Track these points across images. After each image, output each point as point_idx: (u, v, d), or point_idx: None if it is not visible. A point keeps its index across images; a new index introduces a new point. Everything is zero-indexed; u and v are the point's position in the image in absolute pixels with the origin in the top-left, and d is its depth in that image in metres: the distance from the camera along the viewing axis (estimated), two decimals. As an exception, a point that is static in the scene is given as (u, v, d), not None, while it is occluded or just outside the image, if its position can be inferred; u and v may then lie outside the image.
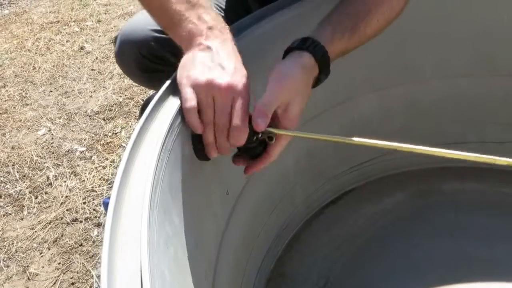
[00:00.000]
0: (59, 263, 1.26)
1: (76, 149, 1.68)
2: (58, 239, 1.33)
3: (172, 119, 0.58)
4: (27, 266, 1.26)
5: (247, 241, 0.88)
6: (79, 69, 2.21)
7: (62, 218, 1.39)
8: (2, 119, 1.90)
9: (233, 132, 0.58)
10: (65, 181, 1.53)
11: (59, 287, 1.20)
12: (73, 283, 1.20)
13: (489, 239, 1.00)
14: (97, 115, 1.85)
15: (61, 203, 1.44)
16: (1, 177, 1.58)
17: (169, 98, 0.63)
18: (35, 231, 1.36)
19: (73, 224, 1.37)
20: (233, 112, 0.58)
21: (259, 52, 0.74)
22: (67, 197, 1.47)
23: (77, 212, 1.40)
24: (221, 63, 0.59)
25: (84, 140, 1.72)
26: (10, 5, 3.05)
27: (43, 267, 1.26)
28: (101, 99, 1.95)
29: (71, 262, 1.26)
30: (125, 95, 1.96)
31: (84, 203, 1.44)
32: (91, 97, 1.98)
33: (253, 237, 0.91)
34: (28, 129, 1.82)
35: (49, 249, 1.30)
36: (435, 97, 1.09)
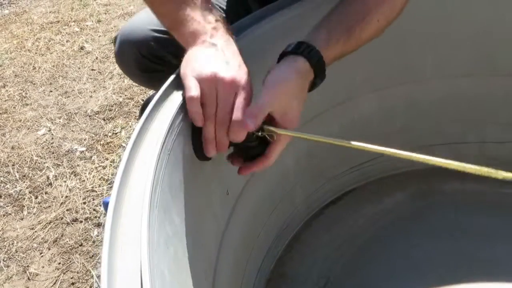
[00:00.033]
0: (59, 263, 1.26)
1: (76, 149, 1.68)
2: (58, 239, 1.33)
3: (172, 119, 0.57)
4: (27, 266, 1.26)
5: (247, 241, 0.88)
6: (79, 69, 2.21)
7: (62, 218, 1.39)
8: (2, 119, 1.90)
9: (233, 126, 0.58)
10: (65, 181, 1.53)
11: (59, 287, 1.20)
12: (73, 283, 1.20)
13: (489, 239, 1.00)
14: (97, 115, 1.85)
15: (61, 203, 1.44)
16: (1, 177, 1.58)
17: (169, 98, 0.63)
18: (35, 231, 1.36)
19: (73, 224, 1.37)
20: (235, 106, 0.58)
21: (259, 52, 0.74)
22: (67, 197, 1.47)
23: (77, 212, 1.40)
24: (225, 59, 0.60)
25: (84, 140, 1.72)
26: (10, 5, 3.05)
27: (43, 267, 1.26)
28: (101, 99, 1.95)
29: (71, 262, 1.26)
30: (125, 95, 1.96)
31: (84, 203, 1.44)
32: (91, 97, 1.98)
33: (253, 237, 0.91)
34: (28, 129, 1.82)
35: (49, 249, 1.30)
36: (435, 97, 1.09)
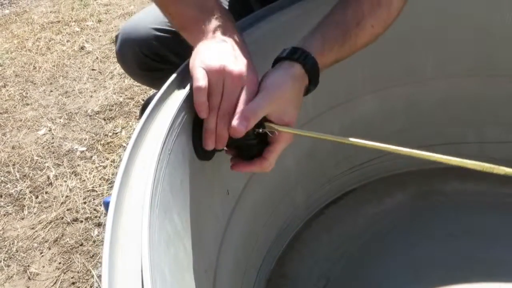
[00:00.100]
0: (60, 263, 1.26)
1: (76, 149, 1.68)
2: (58, 239, 1.33)
3: (172, 119, 0.58)
4: (28, 265, 1.26)
5: (247, 241, 0.88)
6: (79, 69, 2.21)
7: (62, 218, 1.39)
8: (2, 118, 1.90)
9: (235, 120, 0.58)
10: (65, 181, 1.53)
11: (59, 286, 1.20)
12: (73, 283, 1.20)
13: (489, 239, 1.00)
14: (97, 115, 1.85)
15: (62, 203, 1.45)
16: (2, 176, 1.58)
17: (169, 98, 0.63)
18: (36, 231, 1.36)
19: (73, 224, 1.37)
20: (239, 100, 0.59)
21: (259, 52, 0.74)
22: (67, 197, 1.47)
23: (77, 212, 1.41)
24: (235, 54, 0.61)
25: (84, 140, 1.72)
26: (10, 5, 3.05)
27: (44, 266, 1.26)
28: (102, 99, 1.95)
29: (71, 261, 1.26)
30: (126, 95, 1.96)
31: (84, 203, 1.44)
32: (91, 97, 1.98)
33: (253, 237, 0.91)
34: (28, 129, 1.82)
35: (50, 249, 1.30)
36: (435, 97, 1.09)
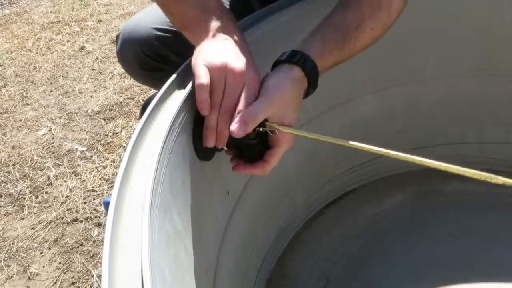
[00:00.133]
0: (60, 263, 1.26)
1: (76, 149, 1.68)
2: (58, 239, 1.33)
3: (172, 119, 0.58)
4: (28, 265, 1.26)
5: (247, 241, 0.88)
6: (79, 69, 2.21)
7: (62, 218, 1.39)
8: (2, 118, 1.90)
9: (236, 118, 0.59)
10: (65, 181, 1.53)
11: (59, 286, 1.20)
12: (73, 283, 1.20)
13: (489, 239, 1.01)
14: (97, 115, 1.85)
15: (62, 203, 1.45)
16: (2, 176, 1.59)
17: (170, 98, 0.63)
18: (36, 231, 1.36)
19: (73, 224, 1.37)
20: (241, 97, 0.59)
21: (260, 51, 0.74)
22: (67, 197, 1.47)
23: (77, 212, 1.41)
24: (237, 52, 0.62)
25: (84, 140, 1.72)
26: (10, 5, 3.05)
27: (44, 266, 1.26)
28: (102, 99, 1.95)
29: (71, 261, 1.26)
30: (126, 95, 1.96)
31: (84, 203, 1.44)
32: (91, 97, 1.98)
33: (253, 237, 0.91)
34: (28, 128, 1.82)
35: (50, 249, 1.30)
36: (435, 97, 1.09)
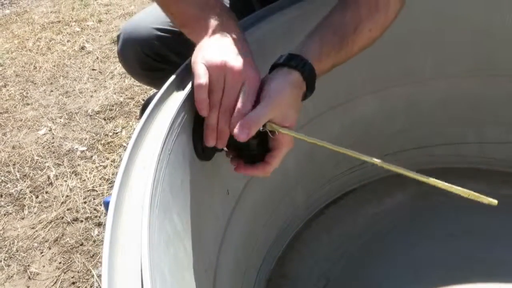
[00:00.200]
0: (60, 263, 1.26)
1: (76, 148, 1.68)
2: (58, 239, 1.33)
3: (172, 119, 0.58)
4: (28, 265, 1.27)
5: (247, 241, 0.88)
6: (79, 69, 2.21)
7: (62, 217, 1.39)
8: (3, 118, 1.90)
9: (236, 116, 0.59)
10: (65, 181, 1.53)
11: (59, 286, 1.20)
12: (73, 283, 1.20)
13: (489, 239, 1.01)
14: (97, 115, 1.86)
15: (62, 203, 1.45)
16: (2, 176, 1.59)
17: (170, 98, 0.63)
18: (36, 231, 1.37)
19: (73, 223, 1.37)
20: (240, 96, 0.59)
21: (260, 51, 0.74)
22: (67, 196, 1.47)
23: (77, 211, 1.41)
24: (236, 51, 0.62)
25: (84, 139, 1.72)
26: (11, 5, 3.05)
27: (44, 266, 1.26)
28: (102, 99, 1.95)
29: (71, 261, 1.26)
30: (126, 95, 1.96)
31: (84, 202, 1.44)
32: (91, 96, 1.99)
33: (253, 237, 0.91)
34: (29, 128, 1.82)
35: (50, 249, 1.31)
36: (435, 97, 1.09)
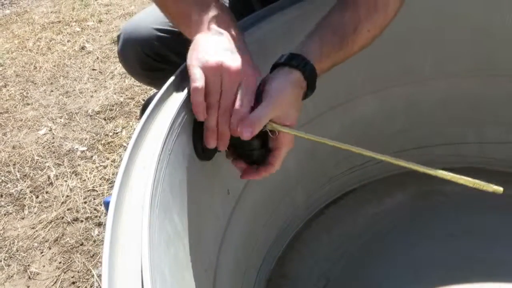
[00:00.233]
0: (60, 262, 1.26)
1: (77, 148, 1.68)
2: (59, 239, 1.33)
3: (173, 119, 0.58)
4: (28, 265, 1.27)
5: (247, 241, 0.88)
6: (80, 69, 2.21)
7: (63, 217, 1.40)
8: (3, 118, 1.90)
9: (235, 116, 0.59)
10: (66, 181, 1.53)
11: (59, 286, 1.20)
12: (73, 282, 1.20)
13: (489, 239, 1.01)
14: (98, 115, 1.86)
15: (62, 203, 1.45)
16: (2, 176, 1.59)
17: (170, 98, 0.63)
18: (36, 231, 1.37)
19: (74, 223, 1.37)
20: (238, 96, 0.59)
21: (260, 51, 0.74)
22: (68, 196, 1.47)
23: (77, 211, 1.41)
24: (231, 48, 0.61)
25: (85, 139, 1.72)
26: (11, 5, 3.05)
27: (44, 266, 1.26)
28: (102, 99, 1.95)
29: (72, 261, 1.26)
30: (126, 95, 1.96)
31: (84, 202, 1.44)
32: (92, 96, 1.99)
33: (253, 237, 0.91)
34: (29, 128, 1.83)
35: (50, 249, 1.31)
36: (435, 97, 1.09)
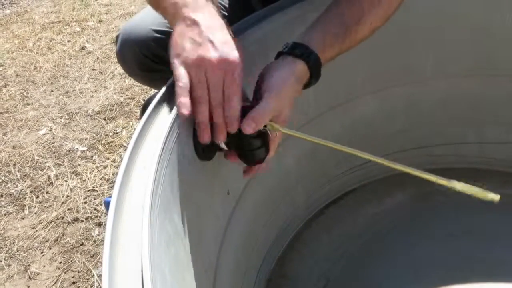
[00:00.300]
0: (60, 262, 1.26)
1: (77, 148, 1.68)
2: (59, 239, 1.33)
3: (173, 119, 0.58)
4: (28, 265, 1.27)
5: (247, 241, 0.88)
6: (80, 69, 2.21)
7: (63, 217, 1.40)
8: (3, 118, 1.90)
9: (227, 106, 0.58)
10: (66, 181, 1.53)
11: (60, 286, 1.20)
12: (74, 282, 1.20)
13: (489, 239, 1.01)
14: (98, 115, 1.86)
15: (62, 203, 1.45)
16: (2, 176, 1.59)
17: (170, 98, 0.63)
18: (36, 231, 1.37)
19: (74, 223, 1.37)
20: (225, 85, 0.58)
21: (260, 51, 0.74)
22: (68, 196, 1.47)
23: (78, 211, 1.41)
24: (209, 37, 0.59)
25: (85, 139, 1.72)
26: (11, 5, 3.05)
27: (44, 266, 1.26)
28: (102, 99, 1.95)
29: (72, 261, 1.26)
30: (126, 95, 1.96)
31: (85, 202, 1.44)
32: (92, 97, 1.99)
33: (253, 237, 0.91)
34: (29, 128, 1.83)
35: (50, 249, 1.31)
36: (435, 97, 1.09)
